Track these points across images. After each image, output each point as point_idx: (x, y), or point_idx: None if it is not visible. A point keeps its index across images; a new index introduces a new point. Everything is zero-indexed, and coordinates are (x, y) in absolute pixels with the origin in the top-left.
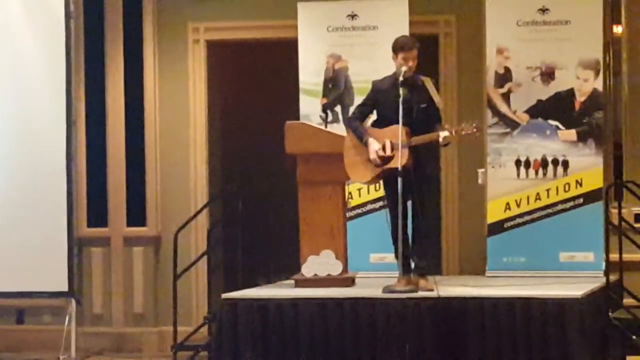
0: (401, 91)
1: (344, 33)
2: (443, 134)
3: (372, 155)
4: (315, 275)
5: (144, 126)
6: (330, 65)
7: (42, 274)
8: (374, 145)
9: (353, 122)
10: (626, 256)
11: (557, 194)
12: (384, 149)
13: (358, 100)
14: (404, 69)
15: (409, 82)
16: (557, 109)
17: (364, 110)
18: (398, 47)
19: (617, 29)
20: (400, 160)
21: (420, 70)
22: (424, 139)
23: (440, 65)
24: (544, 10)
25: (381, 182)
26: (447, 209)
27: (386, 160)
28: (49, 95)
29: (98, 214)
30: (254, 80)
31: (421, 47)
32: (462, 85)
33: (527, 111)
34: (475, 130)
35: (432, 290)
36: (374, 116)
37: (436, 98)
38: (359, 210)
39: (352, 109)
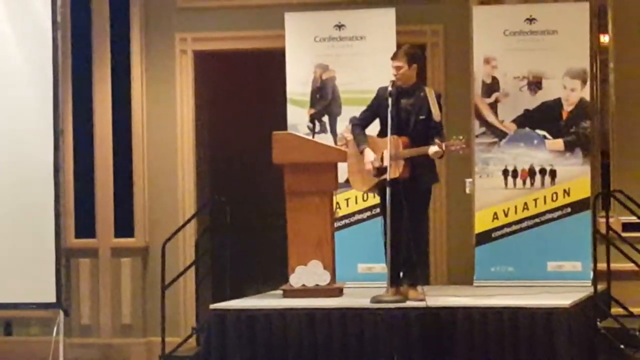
0: (389, 101)
1: (331, 43)
2: (433, 149)
3: (368, 166)
4: (303, 285)
5: (131, 136)
6: (318, 76)
7: (30, 285)
8: (369, 156)
9: (355, 128)
10: (614, 265)
11: (545, 203)
12: (382, 159)
13: (345, 110)
14: (391, 78)
15: (409, 92)
16: (545, 118)
17: (365, 117)
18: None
19: (604, 39)
20: (391, 172)
21: None
22: (413, 152)
23: (427, 75)
24: (531, 20)
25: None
26: (435, 219)
27: (383, 170)
28: (36, 106)
29: (86, 225)
30: (241, 91)
31: None
32: (449, 95)
33: (514, 121)
34: (464, 146)
35: (422, 300)
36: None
37: (434, 110)
38: (346, 221)
39: (338, 119)
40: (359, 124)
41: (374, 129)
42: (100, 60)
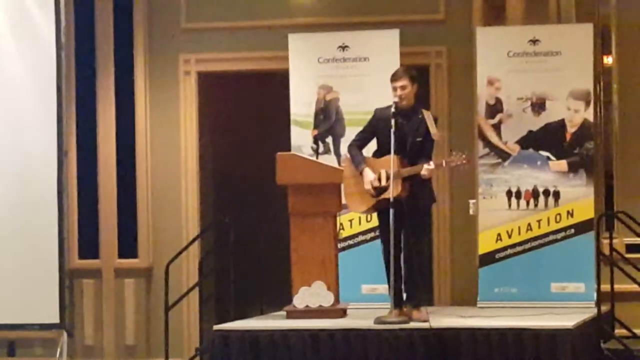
0: (393, 121)
1: (335, 64)
2: (427, 166)
3: (367, 186)
4: (307, 306)
5: (135, 157)
6: (322, 97)
7: (34, 306)
8: (369, 176)
9: (352, 149)
10: (618, 286)
11: (549, 224)
12: (379, 179)
13: (349, 131)
14: (395, 99)
15: (406, 113)
16: (548, 139)
17: (363, 138)
18: (390, 78)
19: (608, 60)
20: (392, 190)
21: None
22: (410, 170)
23: (431, 96)
24: (534, 41)
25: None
26: (438, 240)
27: (381, 190)
28: (40, 127)
29: (89, 246)
30: (245, 112)
31: None
32: (453, 116)
33: (518, 142)
34: (464, 161)
35: (426, 321)
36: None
37: (432, 130)
38: (350, 241)
39: (342, 140)
40: (356, 145)
41: (369, 150)
42: (104, 81)
